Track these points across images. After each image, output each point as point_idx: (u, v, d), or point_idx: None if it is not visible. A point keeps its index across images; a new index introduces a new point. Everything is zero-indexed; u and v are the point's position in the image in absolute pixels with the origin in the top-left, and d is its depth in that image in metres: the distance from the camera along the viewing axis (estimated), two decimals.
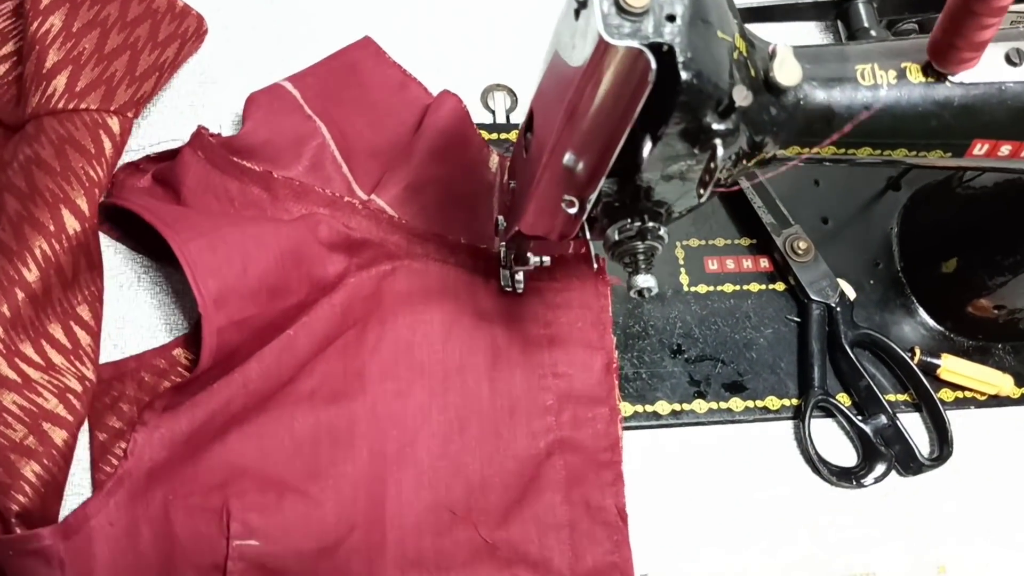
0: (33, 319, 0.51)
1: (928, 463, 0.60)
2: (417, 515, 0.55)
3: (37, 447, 0.48)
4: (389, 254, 0.60)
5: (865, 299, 0.66)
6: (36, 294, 0.51)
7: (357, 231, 0.59)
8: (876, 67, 0.44)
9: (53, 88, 0.56)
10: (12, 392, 0.48)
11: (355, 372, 0.57)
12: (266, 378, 0.54)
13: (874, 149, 0.45)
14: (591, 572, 0.55)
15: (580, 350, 0.61)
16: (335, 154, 0.62)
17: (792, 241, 0.66)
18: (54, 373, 0.51)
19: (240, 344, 0.52)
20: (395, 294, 0.60)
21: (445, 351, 0.59)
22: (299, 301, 0.55)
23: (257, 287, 0.53)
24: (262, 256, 0.53)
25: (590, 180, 0.43)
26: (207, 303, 0.50)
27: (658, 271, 0.63)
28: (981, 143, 0.45)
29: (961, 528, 0.61)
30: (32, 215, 0.52)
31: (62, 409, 0.50)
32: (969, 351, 0.66)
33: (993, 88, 0.44)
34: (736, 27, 0.41)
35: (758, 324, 0.65)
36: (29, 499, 0.47)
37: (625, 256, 0.47)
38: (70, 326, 0.53)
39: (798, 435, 0.62)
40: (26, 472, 0.47)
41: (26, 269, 0.51)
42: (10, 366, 0.49)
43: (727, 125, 0.39)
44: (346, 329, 0.58)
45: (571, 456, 0.58)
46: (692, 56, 0.37)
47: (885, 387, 0.64)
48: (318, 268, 0.56)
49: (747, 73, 0.41)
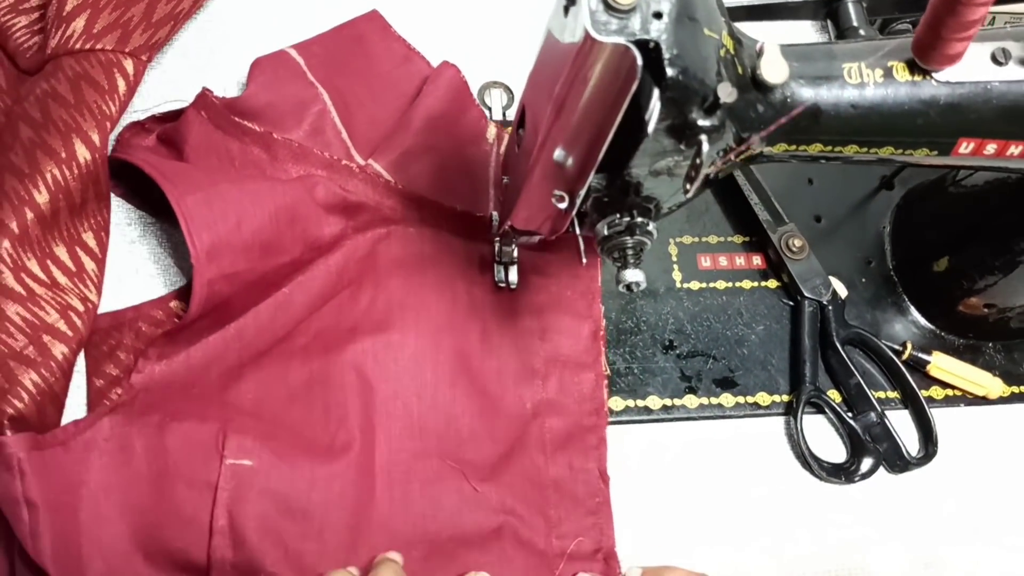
0: (40, 239, 0.53)
1: (914, 461, 0.61)
2: (406, 463, 0.56)
3: (36, 357, 0.50)
4: (385, 218, 0.62)
5: (857, 297, 0.67)
6: (44, 215, 0.53)
7: (354, 194, 0.60)
8: (863, 65, 0.44)
9: (72, 29, 0.58)
10: (16, 303, 0.51)
11: (348, 328, 0.58)
12: (261, 332, 0.56)
13: (861, 147, 0.46)
14: (573, 530, 0.57)
15: (568, 318, 0.62)
16: (335, 120, 0.63)
17: (787, 239, 0.66)
18: (58, 291, 0.53)
19: (231, 297, 0.54)
20: (390, 257, 0.61)
21: (437, 312, 0.60)
22: (293, 259, 0.56)
23: (250, 242, 0.54)
24: (257, 213, 0.54)
25: (579, 175, 0.43)
26: (200, 255, 0.52)
27: (651, 268, 0.65)
28: (967, 141, 0.46)
29: (952, 526, 0.61)
30: (45, 142, 0.54)
31: (63, 324, 0.52)
32: (960, 349, 0.67)
33: (979, 87, 0.44)
34: (724, 25, 0.41)
35: (750, 321, 0.65)
36: (25, 406, 0.49)
37: (614, 251, 0.47)
38: (75, 251, 0.55)
39: (788, 431, 0.62)
40: (24, 380, 0.49)
41: (36, 191, 0.53)
42: (15, 279, 0.51)
43: (712, 121, 0.40)
44: (341, 289, 0.59)
45: (556, 419, 0.59)
46: (678, 53, 0.37)
47: (875, 385, 0.64)
48: (313, 228, 0.57)
49: (734, 70, 0.41)
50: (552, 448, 0.59)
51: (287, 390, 0.56)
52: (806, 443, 0.60)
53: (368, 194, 0.61)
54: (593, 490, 0.58)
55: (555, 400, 0.60)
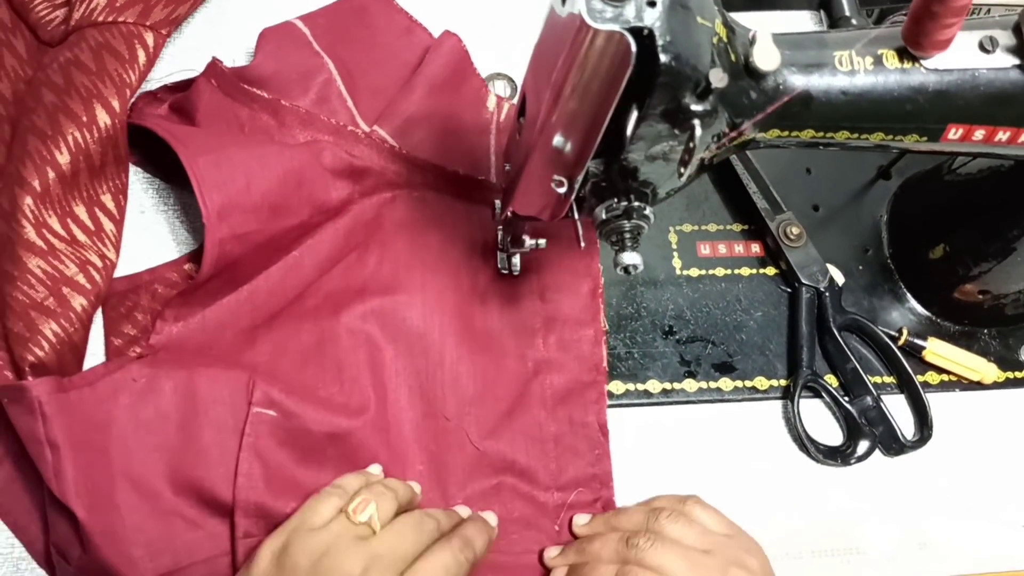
0: (61, 197, 0.55)
1: (909, 444, 0.62)
2: (414, 421, 0.58)
3: (56, 308, 0.53)
4: (390, 183, 0.64)
5: (854, 284, 0.68)
6: (65, 175, 0.55)
7: (359, 159, 0.62)
8: (853, 53, 0.46)
9: (96, 2, 0.61)
10: (37, 257, 0.53)
11: (357, 290, 0.61)
12: (272, 294, 0.58)
13: (851, 132, 0.47)
14: (573, 482, 0.59)
15: (568, 276, 0.64)
16: (341, 89, 0.66)
17: (785, 226, 0.67)
18: (77, 247, 0.55)
19: (241, 257, 0.56)
20: (395, 220, 0.63)
21: (442, 273, 0.62)
22: (301, 222, 0.59)
23: (259, 203, 0.56)
24: (265, 175, 0.56)
25: (577, 160, 0.44)
26: (211, 214, 0.54)
27: (651, 255, 0.66)
28: (955, 127, 0.47)
29: (946, 506, 0.62)
30: (67, 106, 0.57)
31: (81, 278, 0.54)
32: (955, 335, 0.68)
33: (967, 74, 0.45)
34: (717, 13, 0.43)
35: (748, 307, 0.66)
36: (46, 354, 0.51)
37: (612, 234, 0.49)
38: (94, 211, 0.58)
39: (786, 414, 0.63)
40: (45, 330, 0.52)
41: (58, 152, 0.55)
42: (37, 234, 0.54)
43: (705, 106, 0.41)
44: (348, 252, 0.62)
45: (556, 376, 0.61)
46: (671, 40, 0.39)
47: (871, 370, 0.65)
48: (320, 192, 0.60)
49: (727, 58, 0.43)
50: (552, 403, 0.61)
51: (300, 350, 0.58)
52: (803, 426, 0.62)
53: (373, 159, 0.63)
54: (593, 443, 0.60)
55: (555, 358, 0.62)
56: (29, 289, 0.53)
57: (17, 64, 0.61)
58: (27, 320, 0.52)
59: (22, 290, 0.53)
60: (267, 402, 0.53)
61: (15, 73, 0.61)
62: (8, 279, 0.53)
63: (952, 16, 0.42)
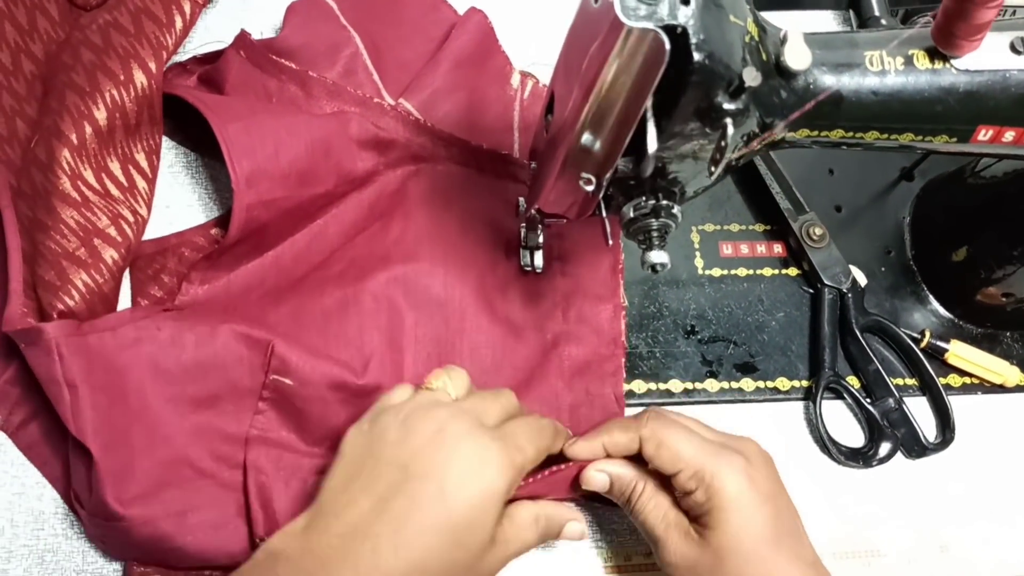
0: (97, 152, 0.57)
1: (931, 447, 0.62)
2: None
3: (87, 259, 0.54)
4: (415, 155, 0.65)
5: (876, 286, 0.68)
6: (102, 131, 0.57)
7: (385, 131, 0.63)
8: (884, 53, 0.46)
9: None
10: (71, 208, 0.54)
11: (380, 257, 0.62)
12: (297, 260, 0.60)
13: (881, 133, 0.47)
14: None
15: (588, 252, 0.64)
16: (367, 63, 0.67)
17: (807, 227, 0.67)
18: (110, 200, 0.57)
19: (268, 224, 0.57)
20: (419, 192, 0.64)
21: (464, 245, 0.64)
22: (327, 191, 0.60)
23: (287, 171, 0.57)
24: (293, 143, 0.58)
25: (607, 158, 0.45)
26: (239, 180, 0.55)
27: (674, 255, 0.66)
28: (985, 129, 0.47)
29: (967, 510, 0.62)
30: (105, 64, 0.58)
31: (113, 231, 0.56)
32: (978, 338, 0.67)
33: (998, 75, 0.45)
34: (749, 12, 0.43)
35: (770, 307, 0.66)
36: (76, 303, 0.53)
37: (639, 233, 0.49)
38: (128, 168, 0.59)
39: (807, 415, 0.63)
40: (75, 280, 0.53)
41: (95, 108, 0.56)
42: (72, 186, 0.55)
43: (737, 105, 0.41)
44: (372, 222, 0.63)
45: (575, 348, 0.62)
46: (705, 38, 0.39)
47: (893, 371, 0.65)
48: (347, 162, 0.61)
49: (758, 56, 0.43)
50: (570, 375, 0.61)
51: (322, 312, 0.59)
52: (825, 428, 0.62)
53: (399, 131, 0.64)
54: (609, 413, 0.60)
55: (574, 330, 0.62)
56: (61, 239, 0.54)
57: (49, 26, 0.62)
58: (58, 269, 0.53)
59: (55, 239, 0.54)
60: (284, 369, 0.54)
61: (48, 35, 0.62)
62: (42, 228, 0.54)
63: (982, 17, 0.42)
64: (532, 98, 0.70)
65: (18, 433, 0.55)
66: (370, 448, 0.46)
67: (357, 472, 0.45)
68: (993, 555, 0.61)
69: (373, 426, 0.47)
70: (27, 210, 0.56)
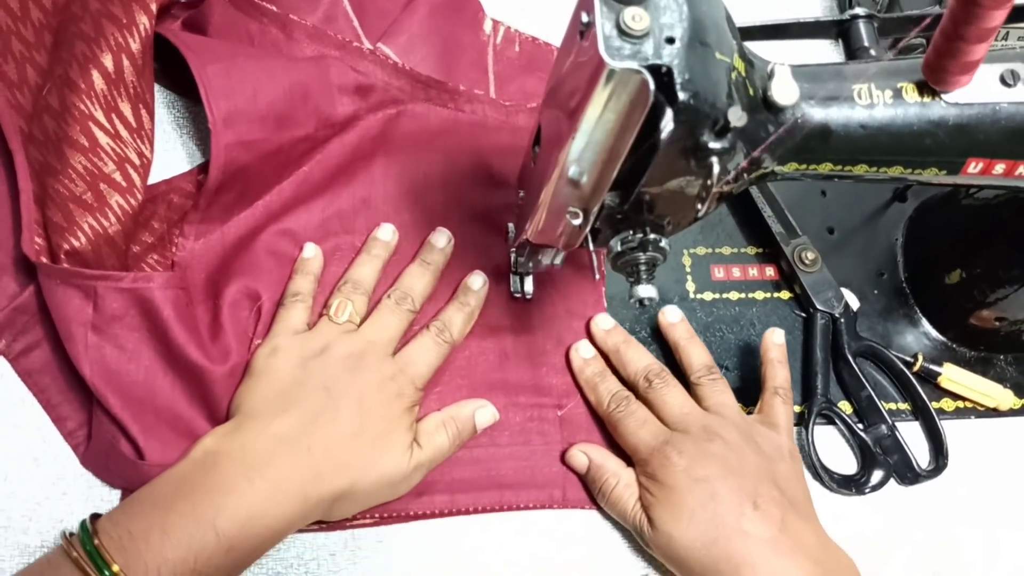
0: (107, 94, 0.58)
1: (924, 474, 0.61)
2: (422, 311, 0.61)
3: (93, 203, 0.55)
4: (394, 99, 0.67)
5: (869, 308, 0.68)
6: (110, 74, 0.58)
7: (365, 75, 0.65)
8: (873, 86, 0.45)
9: None
10: (80, 153, 0.56)
11: (362, 199, 0.64)
12: (285, 208, 0.62)
13: (870, 166, 0.47)
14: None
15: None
16: (348, 9, 0.68)
17: (800, 252, 0.67)
18: (119, 142, 0.58)
19: (248, 166, 0.59)
20: (400, 134, 0.67)
21: (446, 181, 0.66)
22: (307, 135, 0.62)
23: (265, 113, 0.59)
24: (272, 86, 0.59)
25: (593, 193, 0.44)
26: (216, 120, 0.57)
27: (665, 278, 0.66)
28: (975, 162, 0.46)
29: (959, 534, 0.62)
30: (109, 11, 0.59)
31: (118, 175, 0.57)
32: (971, 361, 0.67)
33: (987, 108, 0.45)
34: (735, 47, 0.42)
35: (762, 331, 0.65)
36: (82, 245, 0.54)
37: (627, 267, 0.48)
38: (138, 108, 0.60)
39: (799, 441, 0.63)
40: (82, 223, 0.55)
41: (103, 54, 0.57)
42: (82, 130, 0.56)
43: (723, 144, 0.41)
44: (356, 165, 0.64)
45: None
46: (690, 77, 0.38)
47: (886, 396, 0.65)
48: (326, 106, 0.62)
49: (745, 92, 0.42)
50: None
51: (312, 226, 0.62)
52: (817, 455, 0.61)
53: (378, 75, 0.66)
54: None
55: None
56: (69, 183, 0.55)
57: None
58: (66, 211, 0.54)
59: (63, 183, 0.55)
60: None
61: None
62: (52, 172, 0.56)
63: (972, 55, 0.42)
64: (505, 43, 0.72)
65: (18, 359, 0.57)
66: (291, 373, 0.54)
67: (282, 391, 0.53)
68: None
69: (274, 359, 0.54)
70: (38, 155, 0.57)
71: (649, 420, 0.57)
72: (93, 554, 0.45)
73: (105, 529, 0.46)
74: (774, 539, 0.51)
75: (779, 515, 0.52)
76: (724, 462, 0.53)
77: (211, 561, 0.46)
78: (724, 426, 0.55)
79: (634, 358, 0.60)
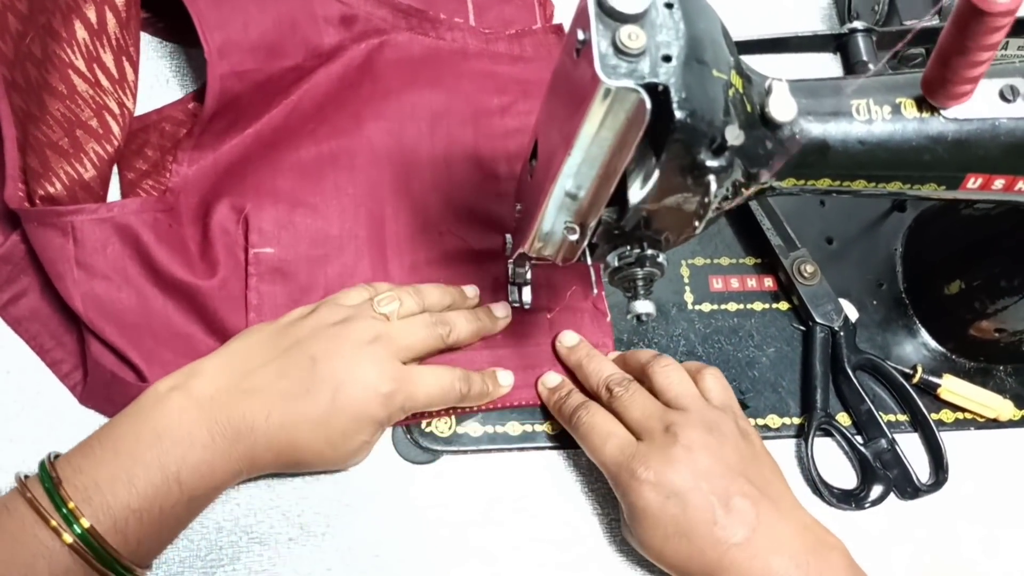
0: (88, 44, 0.59)
1: (924, 488, 0.61)
2: (412, 234, 0.64)
3: (69, 149, 0.57)
4: (377, 28, 0.69)
5: (868, 319, 0.67)
6: (92, 25, 0.59)
7: (348, 6, 0.68)
8: (871, 102, 0.45)
9: None
10: (58, 101, 0.58)
11: (352, 115, 0.66)
12: (276, 134, 0.63)
13: (869, 181, 0.46)
14: None
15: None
16: None
17: (799, 264, 0.66)
18: (99, 90, 0.60)
19: (241, 95, 0.61)
20: (385, 61, 0.68)
21: (432, 100, 0.68)
22: (296, 64, 0.64)
23: (256, 44, 0.61)
24: (261, 18, 0.62)
25: (590, 208, 0.44)
26: (212, 51, 0.59)
27: (663, 289, 0.66)
28: (975, 177, 0.46)
29: (959, 547, 0.62)
30: None
31: (95, 123, 0.59)
32: (970, 372, 0.67)
33: (987, 124, 0.45)
34: (732, 63, 0.42)
35: (761, 343, 0.66)
36: (57, 191, 0.55)
37: (624, 282, 0.48)
38: (121, 60, 0.61)
39: (798, 453, 0.63)
40: (58, 169, 0.56)
41: (86, 4, 0.59)
42: (61, 78, 0.58)
43: (720, 162, 0.40)
44: (344, 92, 0.66)
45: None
46: (687, 96, 0.38)
47: (885, 408, 0.64)
48: (313, 36, 0.65)
49: (743, 108, 0.42)
50: None
51: (299, 166, 0.64)
52: (817, 470, 0.61)
53: (360, 5, 0.68)
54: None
55: None
56: (48, 129, 0.57)
57: None
58: (42, 158, 0.56)
59: (42, 130, 0.56)
60: (263, 240, 0.60)
61: None
62: (32, 119, 0.57)
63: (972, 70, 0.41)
64: None
65: (7, 308, 0.58)
66: (295, 327, 0.54)
67: (275, 342, 0.53)
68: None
69: (311, 317, 0.54)
70: (20, 102, 0.57)
71: (613, 433, 0.55)
72: (60, 506, 0.44)
73: (67, 477, 0.46)
74: (747, 542, 0.50)
75: (752, 512, 0.51)
76: (691, 465, 0.51)
77: (174, 510, 0.48)
78: (687, 423, 0.53)
79: (596, 370, 0.59)
